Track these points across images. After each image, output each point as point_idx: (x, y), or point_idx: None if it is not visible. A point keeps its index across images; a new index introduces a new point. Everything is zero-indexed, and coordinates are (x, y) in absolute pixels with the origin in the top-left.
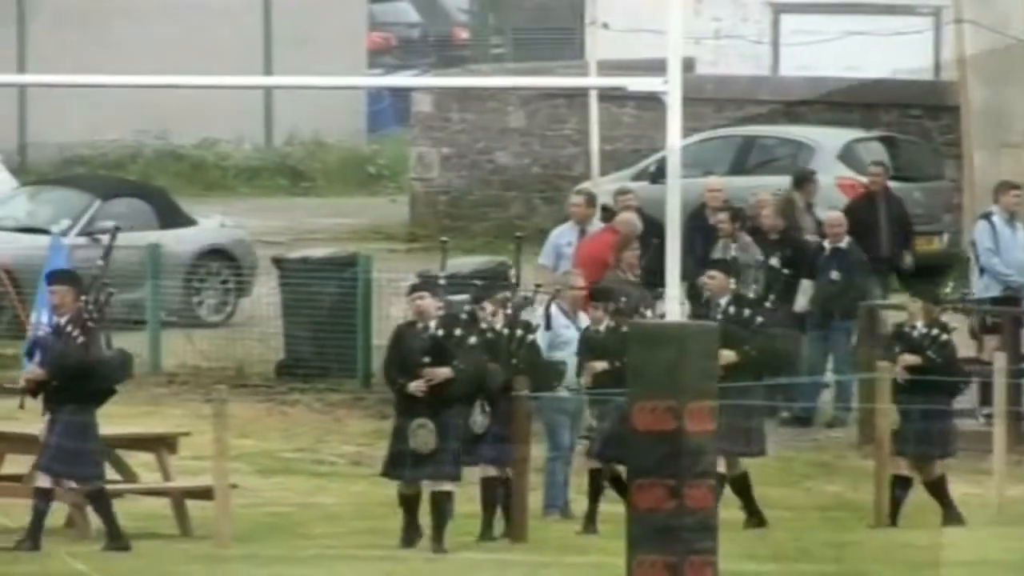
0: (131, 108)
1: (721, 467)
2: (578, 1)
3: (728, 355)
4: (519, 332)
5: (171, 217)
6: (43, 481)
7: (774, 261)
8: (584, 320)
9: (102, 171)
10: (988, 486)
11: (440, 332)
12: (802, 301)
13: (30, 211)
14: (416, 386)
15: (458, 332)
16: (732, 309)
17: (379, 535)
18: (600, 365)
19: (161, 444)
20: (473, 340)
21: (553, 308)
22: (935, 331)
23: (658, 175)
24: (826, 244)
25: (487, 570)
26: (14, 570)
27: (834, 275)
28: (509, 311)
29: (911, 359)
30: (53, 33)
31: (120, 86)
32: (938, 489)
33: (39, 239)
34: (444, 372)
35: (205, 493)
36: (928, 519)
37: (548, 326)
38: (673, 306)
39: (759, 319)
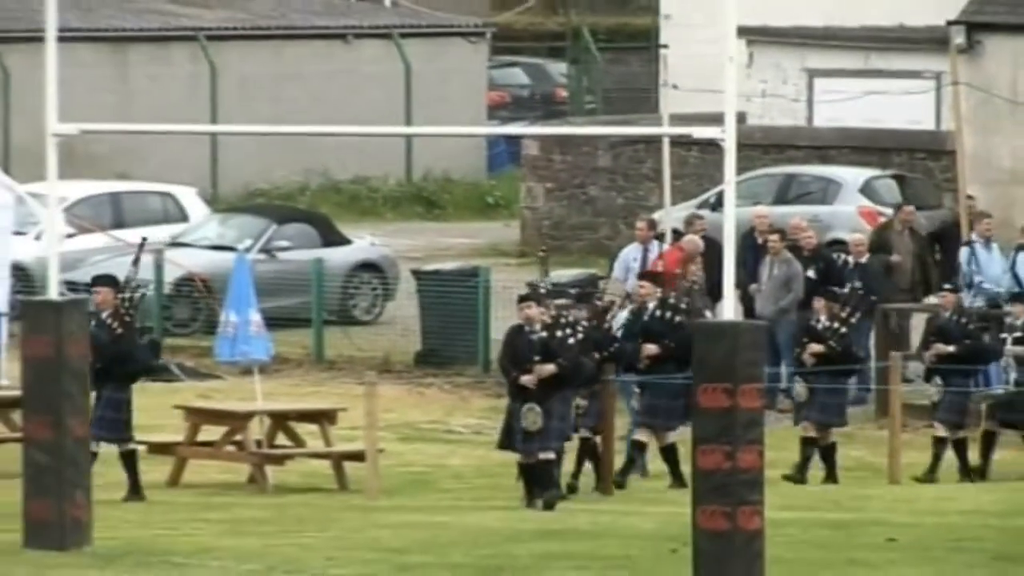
0: (300, 151)
1: (646, 437)
2: (654, 68)
3: (651, 348)
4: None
5: (332, 237)
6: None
7: (810, 273)
8: None
9: (277, 201)
10: (976, 451)
11: (545, 334)
12: None
13: (220, 233)
14: (528, 379)
15: (559, 334)
16: (658, 312)
17: (497, 490)
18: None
19: (323, 417)
20: (571, 340)
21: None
22: (835, 325)
23: (717, 205)
24: (850, 259)
25: (583, 516)
26: (208, 516)
27: (857, 284)
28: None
29: (816, 347)
30: (238, 92)
31: (292, 134)
32: (829, 453)
33: (227, 255)
34: (550, 368)
35: (358, 456)
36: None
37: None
38: (729, 307)
39: (678, 319)
